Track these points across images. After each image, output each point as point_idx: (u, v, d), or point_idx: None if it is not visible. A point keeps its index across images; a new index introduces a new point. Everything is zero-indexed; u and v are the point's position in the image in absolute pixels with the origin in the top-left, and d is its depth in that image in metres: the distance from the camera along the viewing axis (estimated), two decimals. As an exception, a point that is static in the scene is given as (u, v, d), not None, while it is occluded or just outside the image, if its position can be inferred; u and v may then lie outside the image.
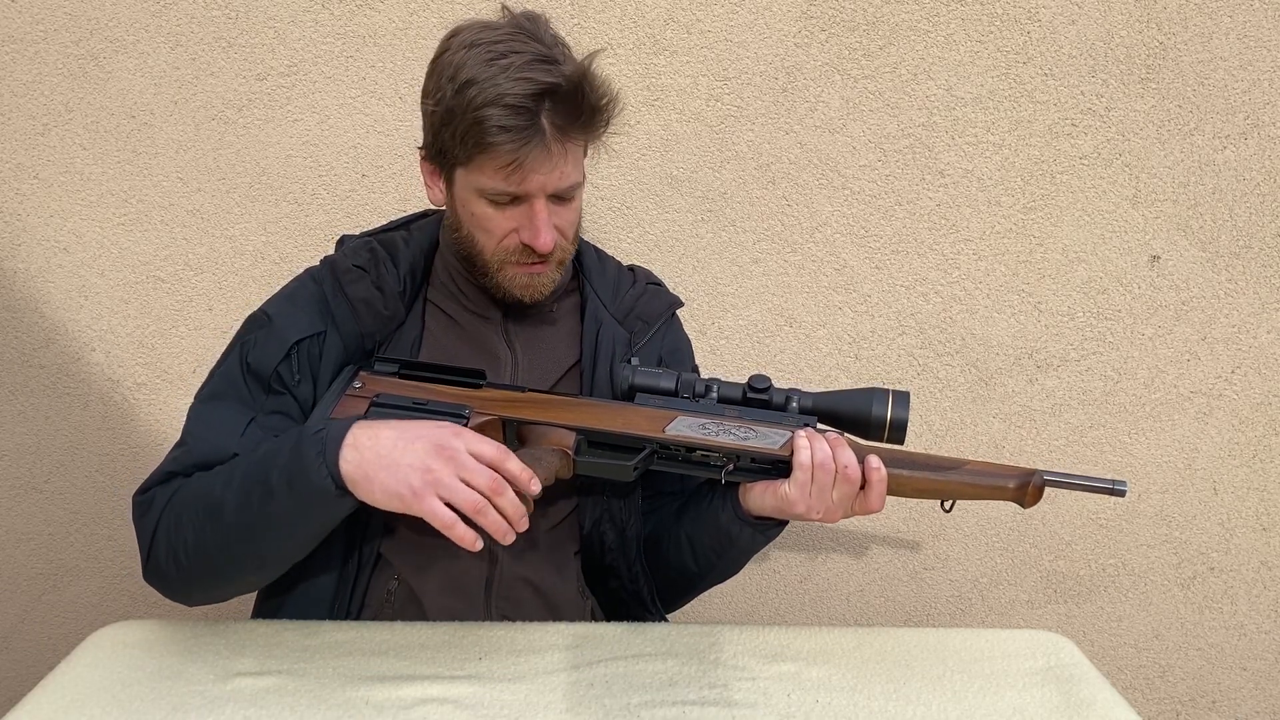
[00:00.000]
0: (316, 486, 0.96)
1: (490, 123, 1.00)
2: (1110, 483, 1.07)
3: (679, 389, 1.10)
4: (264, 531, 1.00)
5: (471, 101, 1.01)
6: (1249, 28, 1.54)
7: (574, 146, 1.07)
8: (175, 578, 1.06)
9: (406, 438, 0.95)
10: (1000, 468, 1.08)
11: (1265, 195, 1.60)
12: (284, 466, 0.97)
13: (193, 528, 1.02)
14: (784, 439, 1.06)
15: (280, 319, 1.14)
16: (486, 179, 1.05)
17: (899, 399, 1.06)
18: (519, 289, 1.14)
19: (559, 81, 1.01)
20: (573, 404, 1.10)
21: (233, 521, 0.99)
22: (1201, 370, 1.67)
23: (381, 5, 1.50)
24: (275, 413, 1.12)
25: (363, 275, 1.16)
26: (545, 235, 1.08)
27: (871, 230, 1.60)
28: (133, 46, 1.50)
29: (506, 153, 1.01)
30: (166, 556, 1.04)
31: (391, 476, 0.94)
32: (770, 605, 1.77)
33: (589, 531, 1.20)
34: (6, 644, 1.73)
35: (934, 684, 1.04)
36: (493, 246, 1.11)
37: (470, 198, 1.09)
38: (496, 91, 1.00)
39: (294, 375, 1.12)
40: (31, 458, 1.65)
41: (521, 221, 1.08)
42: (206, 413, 1.12)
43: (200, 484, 1.04)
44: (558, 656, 1.05)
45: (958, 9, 1.53)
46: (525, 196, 1.07)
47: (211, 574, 1.05)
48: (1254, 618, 1.78)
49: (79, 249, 1.57)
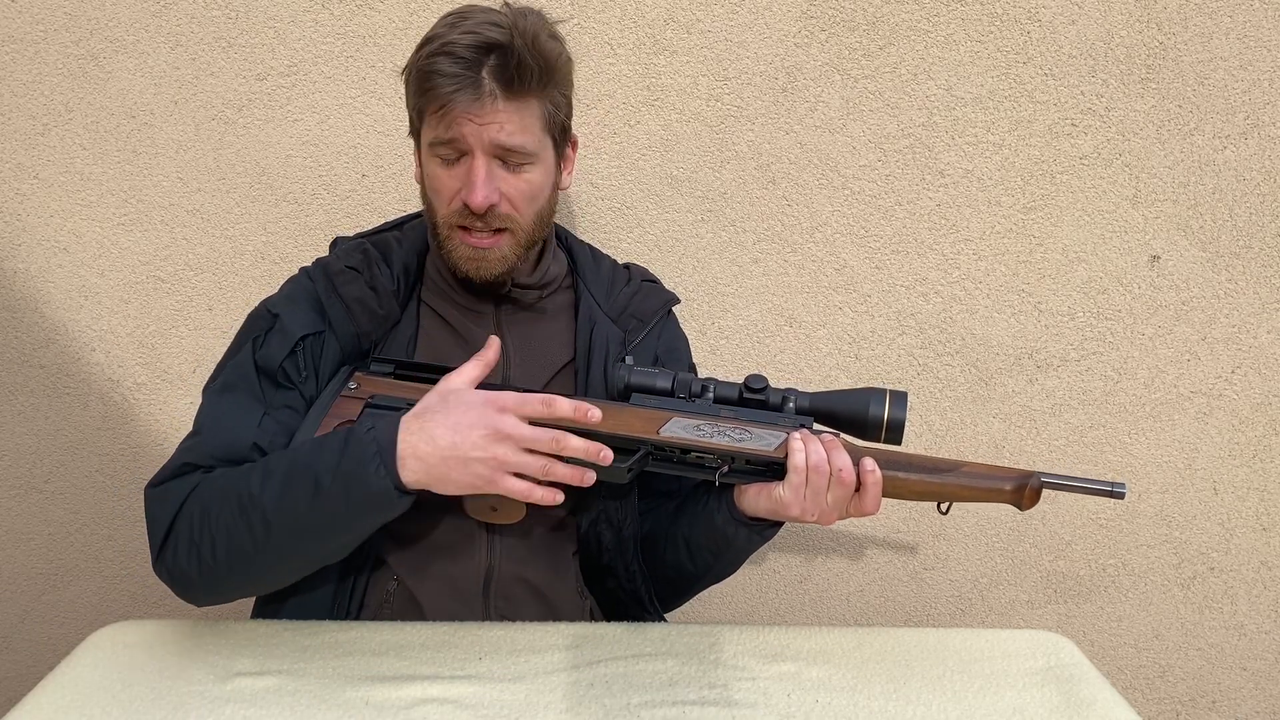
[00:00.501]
0: (377, 491, 0.96)
1: (433, 68, 1.05)
2: (1109, 485, 1.06)
3: (675, 389, 1.09)
4: (314, 531, 1.00)
5: (423, 54, 1.07)
6: (1249, 28, 1.54)
7: (516, 105, 1.08)
8: (194, 574, 1.03)
9: (461, 429, 0.96)
10: (997, 470, 1.08)
11: (1265, 195, 1.60)
12: (337, 470, 0.96)
13: (224, 525, 1.00)
14: (779, 440, 1.05)
15: (286, 316, 1.14)
16: (430, 130, 1.09)
17: (896, 399, 1.05)
18: (464, 261, 1.14)
19: (503, 38, 1.05)
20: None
21: (275, 521, 0.98)
22: (1201, 370, 1.67)
23: (381, 5, 1.50)
24: (285, 407, 1.12)
25: (356, 276, 1.16)
26: (480, 191, 1.08)
27: (871, 230, 1.60)
28: (133, 46, 1.50)
29: (442, 96, 1.05)
30: (187, 552, 1.02)
31: (463, 473, 0.96)
32: (770, 605, 1.77)
33: (586, 532, 1.20)
34: (6, 644, 1.73)
35: (934, 684, 1.04)
36: (443, 210, 1.13)
37: (427, 160, 1.12)
38: (445, 43, 1.06)
39: (300, 371, 1.12)
40: (31, 458, 1.65)
41: (463, 180, 1.10)
42: (220, 403, 1.12)
43: (229, 480, 1.02)
44: (557, 656, 1.05)
45: (958, 9, 1.53)
46: (466, 151, 1.08)
47: (241, 572, 1.03)
48: (1254, 618, 1.78)
49: (79, 249, 1.57)
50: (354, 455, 0.96)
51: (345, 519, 0.99)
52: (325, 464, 0.97)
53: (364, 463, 0.96)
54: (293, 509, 0.98)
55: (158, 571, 1.06)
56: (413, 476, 0.96)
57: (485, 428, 0.95)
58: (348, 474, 0.96)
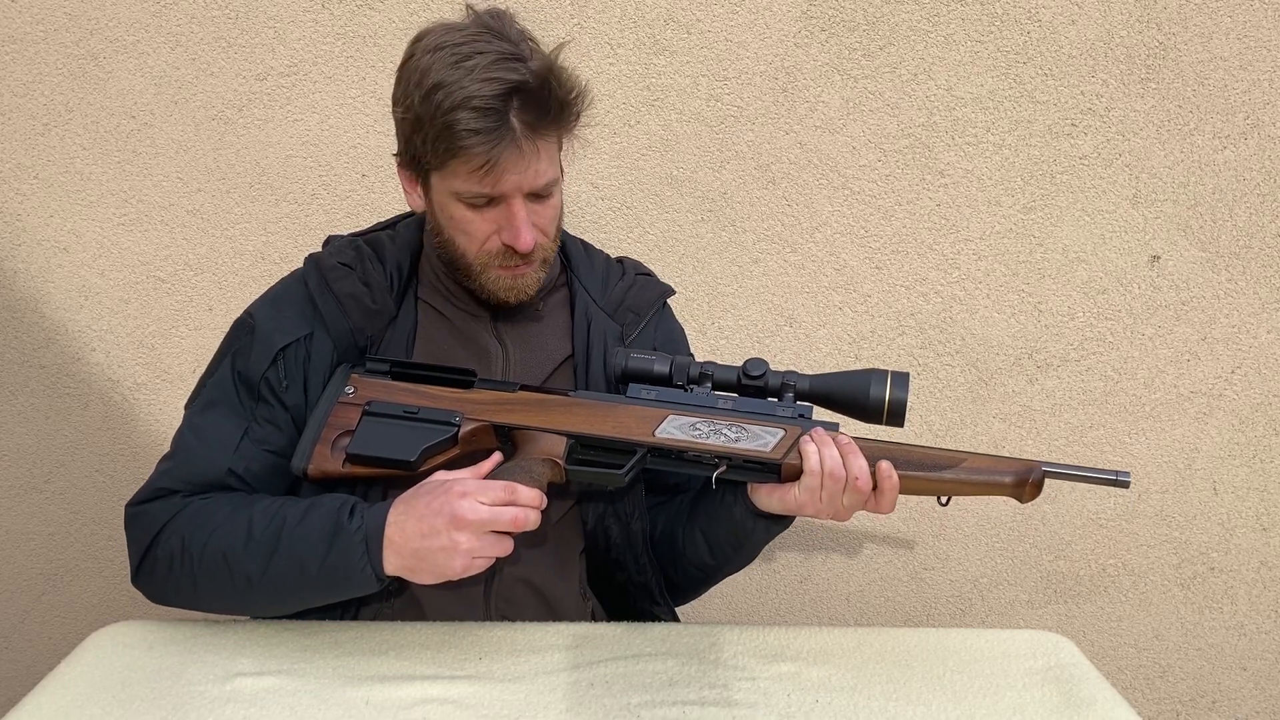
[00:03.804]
0: (359, 583, 1.00)
1: (460, 126, 1.00)
2: (1113, 474, 1.03)
3: (673, 374, 1.09)
4: (294, 599, 1.06)
5: (440, 106, 1.00)
6: (1249, 28, 1.54)
7: (546, 143, 1.06)
8: (171, 599, 1.10)
9: (427, 519, 0.97)
10: (999, 461, 1.06)
11: (1265, 195, 1.60)
12: (323, 563, 1.00)
13: (206, 570, 1.04)
14: (776, 439, 1.04)
15: (265, 324, 1.13)
16: (461, 182, 1.05)
17: (898, 380, 1.04)
18: (504, 291, 1.14)
19: (525, 79, 1.01)
20: (564, 404, 1.09)
21: (257, 584, 1.02)
22: (1201, 370, 1.66)
23: (381, 5, 1.50)
24: (267, 422, 1.12)
25: (349, 272, 1.16)
26: (526, 235, 1.07)
27: (871, 230, 1.60)
28: (133, 46, 1.50)
29: (479, 155, 1.01)
30: (164, 580, 1.07)
31: (432, 566, 0.98)
32: (770, 605, 1.77)
33: (593, 527, 1.19)
34: (6, 644, 1.73)
35: (934, 684, 1.04)
36: (475, 250, 1.11)
37: (448, 202, 1.09)
38: (464, 94, 0.99)
39: (281, 382, 1.12)
40: (31, 458, 1.65)
41: (501, 223, 1.08)
42: (200, 424, 1.13)
43: (212, 527, 1.04)
44: (558, 656, 1.05)
45: (958, 9, 1.53)
46: (502, 198, 1.06)
47: (219, 608, 1.11)
48: (1254, 618, 1.78)
49: (79, 249, 1.57)
50: (342, 550, 0.99)
51: (325, 596, 1.05)
52: (312, 552, 1.00)
53: (350, 557, 0.99)
54: (274, 582, 1.02)
55: (135, 586, 1.11)
56: (391, 569, 0.99)
57: (446, 517, 0.96)
58: (333, 568, 0.99)
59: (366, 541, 0.98)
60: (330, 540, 0.99)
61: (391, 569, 0.99)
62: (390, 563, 0.99)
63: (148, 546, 1.06)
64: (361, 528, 0.99)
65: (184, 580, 1.05)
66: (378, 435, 1.06)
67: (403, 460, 1.04)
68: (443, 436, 1.06)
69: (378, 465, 1.06)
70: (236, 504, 1.06)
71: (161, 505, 1.08)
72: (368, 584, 1.00)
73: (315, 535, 1.00)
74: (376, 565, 0.98)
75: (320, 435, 1.07)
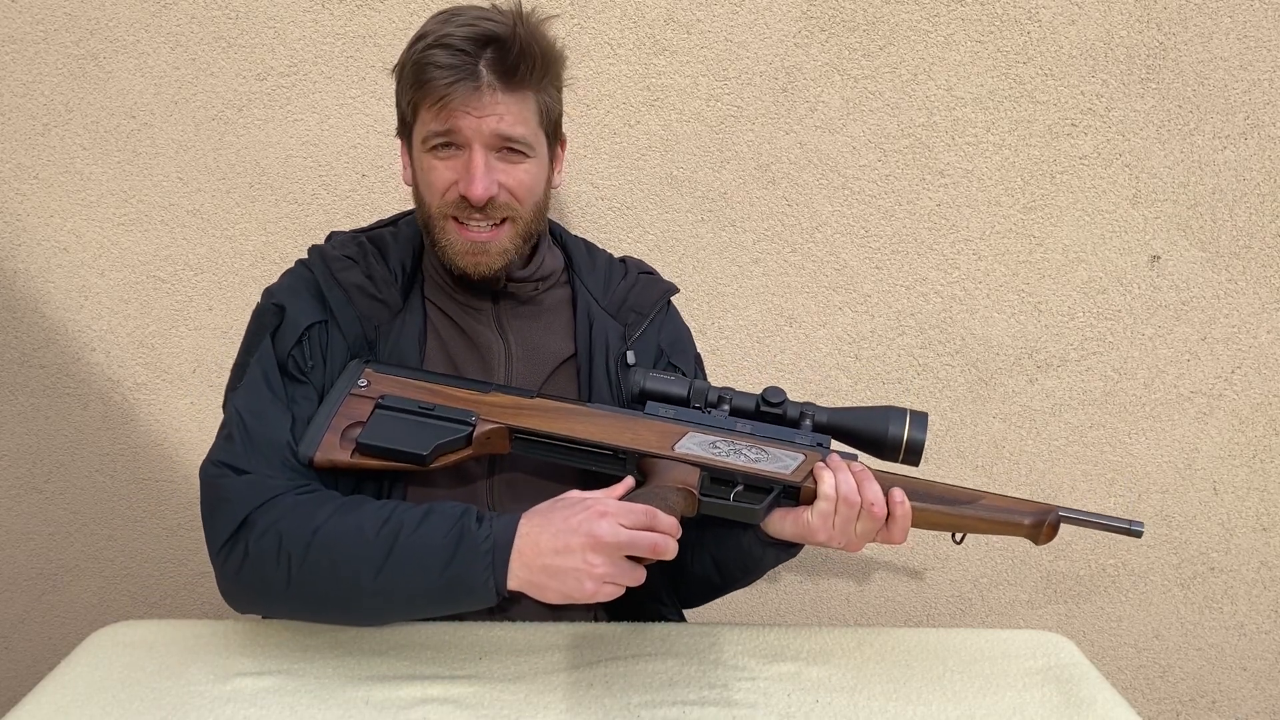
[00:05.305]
0: (480, 595, 0.96)
1: (427, 61, 1.04)
2: (1127, 522, 1.05)
3: (691, 397, 1.08)
4: (402, 607, 1.01)
5: (418, 48, 1.06)
6: (1249, 28, 1.54)
7: (514, 97, 1.07)
8: (254, 596, 1.04)
9: (563, 535, 0.93)
10: (1017, 503, 1.06)
11: (1265, 195, 1.60)
12: (446, 569, 0.95)
13: (307, 579, 0.98)
14: (795, 463, 1.04)
15: (291, 306, 1.13)
16: (425, 124, 1.08)
17: (916, 420, 1.04)
18: (460, 255, 1.12)
19: (501, 30, 1.05)
20: (582, 413, 1.08)
21: (367, 589, 0.97)
22: (1201, 370, 1.66)
23: (381, 5, 1.50)
24: (303, 400, 1.10)
25: (352, 264, 1.17)
26: (479, 183, 1.06)
27: (871, 230, 1.60)
28: (133, 46, 1.50)
29: (439, 89, 1.04)
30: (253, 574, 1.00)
31: (561, 585, 0.93)
32: (770, 605, 1.77)
33: None
34: (6, 644, 1.73)
35: (934, 684, 1.04)
36: (435, 202, 1.10)
37: (420, 155, 1.11)
38: (441, 34, 1.05)
39: (307, 361, 1.11)
40: (31, 458, 1.65)
41: (460, 173, 1.08)
42: (255, 401, 1.08)
43: (318, 535, 0.98)
44: (558, 656, 1.05)
45: (958, 9, 1.53)
46: (463, 144, 1.07)
47: (305, 614, 1.05)
48: (1254, 618, 1.78)
49: (79, 249, 1.57)
50: (465, 557, 0.95)
51: (438, 608, 1.00)
52: (433, 558, 0.96)
53: (474, 566, 0.95)
54: (387, 589, 0.97)
55: (215, 565, 1.04)
56: (516, 583, 0.95)
57: (586, 537, 0.92)
58: (455, 576, 0.95)
59: (494, 551, 0.94)
60: (454, 547, 0.95)
61: (515, 584, 0.95)
62: (515, 576, 0.95)
63: (234, 531, 1.00)
64: (490, 536, 0.95)
65: (276, 582, 0.98)
66: (390, 428, 1.06)
67: (415, 454, 1.04)
68: (456, 435, 1.06)
69: (388, 457, 1.05)
70: (341, 504, 1.01)
71: (242, 485, 1.02)
72: (487, 597, 0.95)
73: (438, 540, 0.96)
74: (500, 577, 0.94)
75: (330, 424, 1.07)
